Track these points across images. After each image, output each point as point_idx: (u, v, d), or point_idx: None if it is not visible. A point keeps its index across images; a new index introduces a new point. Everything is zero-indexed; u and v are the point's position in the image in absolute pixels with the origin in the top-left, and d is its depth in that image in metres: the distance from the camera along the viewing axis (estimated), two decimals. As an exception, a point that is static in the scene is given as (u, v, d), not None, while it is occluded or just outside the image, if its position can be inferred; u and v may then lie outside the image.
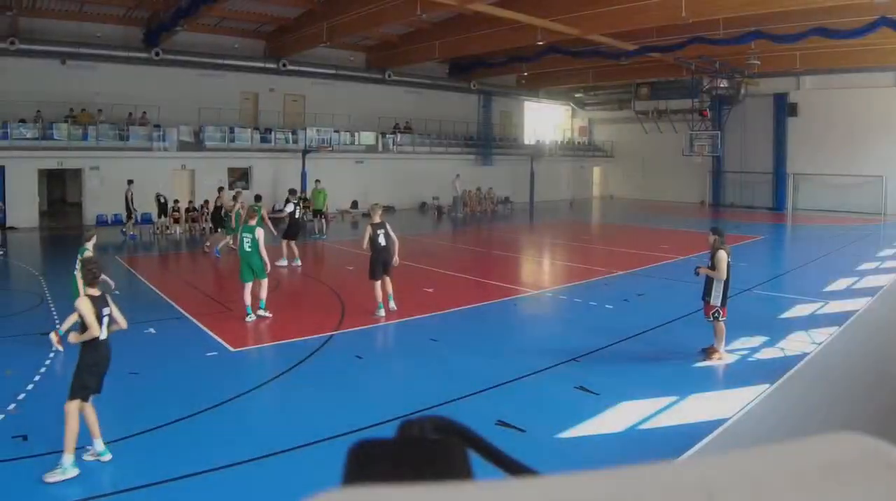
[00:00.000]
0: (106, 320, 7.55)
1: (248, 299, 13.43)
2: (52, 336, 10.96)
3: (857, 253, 23.94)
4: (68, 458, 6.83)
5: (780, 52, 35.45)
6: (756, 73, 37.99)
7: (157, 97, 32.63)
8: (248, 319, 13.36)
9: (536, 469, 0.56)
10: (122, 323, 7.85)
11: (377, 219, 14.08)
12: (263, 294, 13.77)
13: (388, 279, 14.05)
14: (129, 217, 26.78)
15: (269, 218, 20.37)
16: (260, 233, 13.60)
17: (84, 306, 7.35)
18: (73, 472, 6.80)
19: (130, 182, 26.64)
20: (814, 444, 0.45)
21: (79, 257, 10.92)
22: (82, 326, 7.40)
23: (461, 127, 45.91)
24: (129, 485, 6.53)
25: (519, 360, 11.00)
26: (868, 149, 39.85)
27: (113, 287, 11.17)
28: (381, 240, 13.88)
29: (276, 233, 20.38)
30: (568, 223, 36.78)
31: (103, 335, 7.48)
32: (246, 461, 7.17)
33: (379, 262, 13.90)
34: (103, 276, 10.72)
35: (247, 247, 13.56)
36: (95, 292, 7.64)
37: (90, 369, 7.34)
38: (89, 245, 11.51)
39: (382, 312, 13.82)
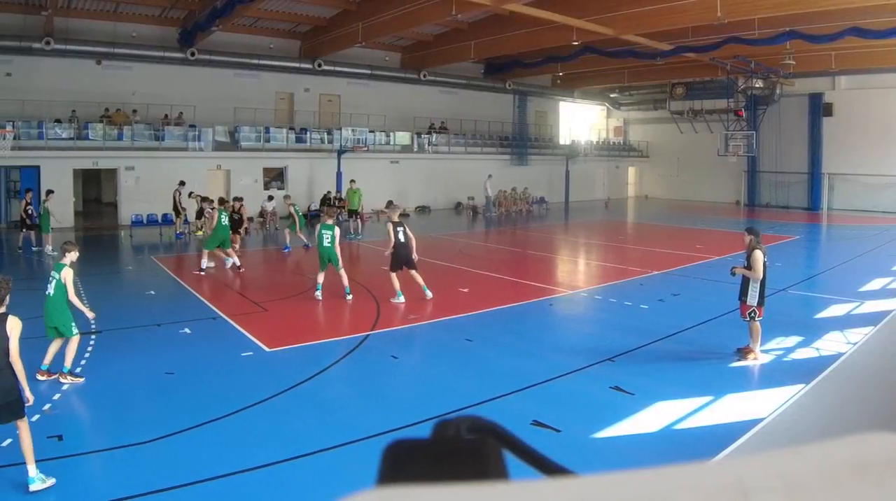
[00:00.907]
0: None
1: (320, 279, 15.41)
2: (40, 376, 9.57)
3: (892, 254, 23.57)
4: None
5: (816, 52, 35.12)
6: (791, 73, 37.57)
7: (193, 97, 33.02)
8: (316, 293, 15.41)
9: (572, 469, 0.56)
10: (15, 358, 6.76)
11: (395, 218, 15.54)
12: (345, 281, 15.36)
13: (415, 272, 15.27)
14: (178, 216, 27.31)
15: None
16: (338, 231, 15.17)
17: None
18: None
19: (182, 183, 26.99)
20: (848, 444, 0.45)
21: (56, 274, 9.85)
22: None
23: (496, 127, 45.90)
24: (164, 486, 6.56)
25: (554, 360, 10.98)
26: (904, 149, 39.45)
27: (91, 318, 11.00)
28: (401, 237, 15.15)
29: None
30: (603, 223, 36.53)
31: None
32: (281, 461, 7.21)
33: (400, 256, 15.18)
34: (81, 306, 10.31)
35: (325, 243, 15.10)
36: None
37: None
38: (67, 260, 10.02)
39: (402, 298, 15.00)
